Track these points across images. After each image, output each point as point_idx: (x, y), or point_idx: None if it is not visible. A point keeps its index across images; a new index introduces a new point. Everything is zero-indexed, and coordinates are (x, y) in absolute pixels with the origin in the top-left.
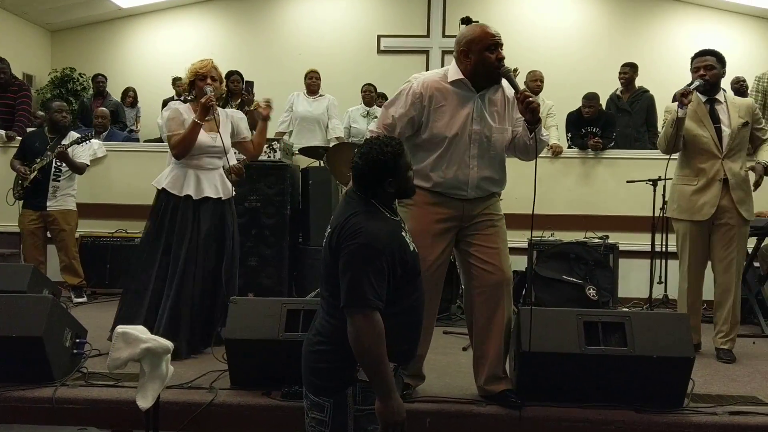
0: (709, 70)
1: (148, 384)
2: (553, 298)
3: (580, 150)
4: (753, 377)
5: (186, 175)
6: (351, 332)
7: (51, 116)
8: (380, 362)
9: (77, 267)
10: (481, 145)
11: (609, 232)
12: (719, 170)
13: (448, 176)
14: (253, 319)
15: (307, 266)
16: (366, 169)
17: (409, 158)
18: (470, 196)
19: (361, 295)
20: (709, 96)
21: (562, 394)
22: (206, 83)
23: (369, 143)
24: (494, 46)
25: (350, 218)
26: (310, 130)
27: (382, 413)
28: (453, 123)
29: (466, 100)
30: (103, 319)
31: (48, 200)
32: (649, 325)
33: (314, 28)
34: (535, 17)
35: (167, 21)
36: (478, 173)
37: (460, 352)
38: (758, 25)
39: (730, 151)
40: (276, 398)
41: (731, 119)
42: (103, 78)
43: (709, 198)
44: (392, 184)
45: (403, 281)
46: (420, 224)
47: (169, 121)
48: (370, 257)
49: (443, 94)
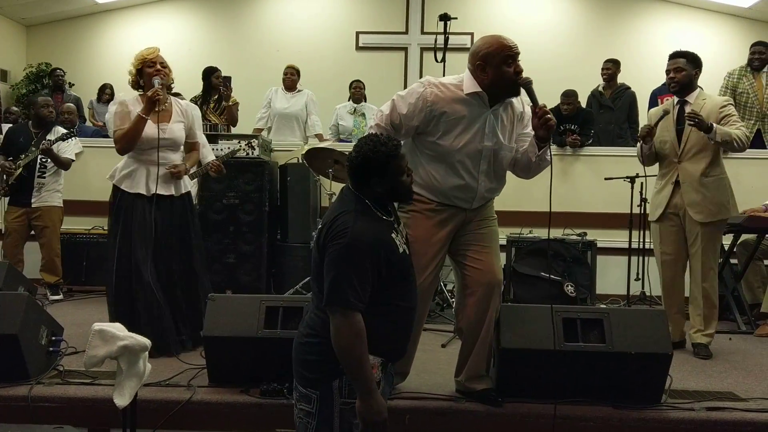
0: (679, 72)
1: (125, 382)
2: (531, 294)
3: (558, 147)
4: (729, 373)
5: (138, 170)
6: (332, 330)
7: (37, 111)
8: (360, 361)
9: (58, 265)
10: (490, 161)
11: (587, 229)
12: (674, 173)
13: (455, 189)
14: (231, 316)
15: (286, 263)
16: (356, 163)
17: (406, 163)
18: (474, 207)
19: (342, 295)
20: (680, 97)
21: (540, 390)
22: (155, 70)
23: (367, 139)
24: (512, 59)
25: (339, 216)
26: (289, 127)
27: (362, 412)
28: (465, 137)
29: (479, 115)
30: (79, 316)
31: (33, 196)
32: (627, 321)
33: (292, 24)
34: (514, 14)
35: (144, 16)
36: (485, 186)
37: (439, 349)
38: (734, 23)
39: (686, 154)
40: (255, 396)
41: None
42: (61, 72)
43: (660, 200)
44: (379, 183)
45: (390, 282)
46: (419, 232)
47: (114, 115)
48: (354, 258)
49: (457, 107)
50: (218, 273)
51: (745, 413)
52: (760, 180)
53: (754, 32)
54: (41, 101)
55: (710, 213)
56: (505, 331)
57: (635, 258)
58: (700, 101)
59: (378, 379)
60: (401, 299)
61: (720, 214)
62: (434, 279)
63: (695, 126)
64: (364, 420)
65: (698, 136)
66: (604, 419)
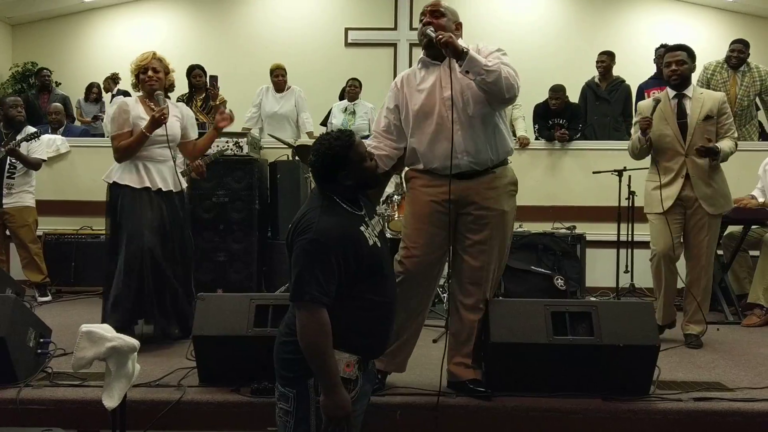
0: (681, 65)
1: (114, 383)
2: (521, 288)
3: (547, 142)
4: (717, 363)
5: (136, 167)
6: (297, 326)
7: (6, 112)
8: (323, 356)
9: (40, 263)
10: (457, 108)
11: (576, 222)
12: (683, 166)
13: (436, 149)
14: (220, 315)
15: (277, 261)
16: (319, 163)
17: (364, 148)
18: (464, 166)
19: (307, 289)
20: (678, 91)
21: (530, 383)
22: (147, 77)
23: (320, 139)
24: (423, 16)
25: (306, 213)
26: (280, 127)
27: (326, 407)
28: (424, 96)
29: (432, 73)
30: (68, 317)
31: (3, 197)
32: (614, 314)
33: (281, 21)
34: (502, 11)
35: (131, 14)
36: (464, 137)
37: (431, 344)
38: (719, 16)
39: (692, 147)
40: (245, 394)
41: (695, 114)
42: (47, 72)
43: (671, 192)
44: (347, 176)
45: (362, 276)
46: (414, 207)
47: (114, 119)
48: (318, 253)
49: (415, 76)
50: (209, 272)
51: (732, 403)
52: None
53: (738, 25)
54: (10, 101)
55: (720, 205)
56: (494, 325)
57: (624, 250)
58: (698, 95)
59: (355, 377)
60: (375, 293)
61: (726, 206)
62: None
63: (705, 156)
64: (328, 414)
65: (703, 130)
66: (594, 411)
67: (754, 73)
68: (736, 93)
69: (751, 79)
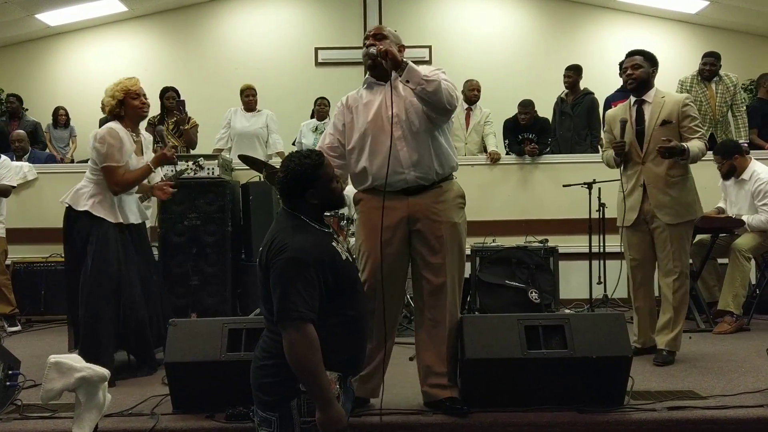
0: (636, 68)
1: (84, 414)
2: (496, 303)
3: (517, 156)
4: (690, 372)
5: (111, 200)
6: (285, 345)
7: None
8: (316, 372)
9: (8, 295)
10: (402, 125)
11: (548, 235)
12: (640, 175)
13: (381, 165)
14: (193, 340)
15: (251, 283)
16: (287, 181)
17: (332, 170)
18: (411, 181)
19: (293, 308)
20: (638, 96)
21: (506, 398)
22: (141, 102)
23: (289, 157)
24: (367, 40)
25: (277, 234)
26: (250, 146)
27: (323, 423)
28: (370, 114)
29: (377, 93)
30: (38, 347)
31: None
32: (587, 326)
33: (250, 41)
34: (470, 27)
35: (98, 38)
36: (410, 152)
37: (407, 362)
38: (682, 28)
39: (649, 154)
40: (220, 420)
41: (653, 120)
42: (14, 98)
43: (632, 204)
44: (314, 195)
45: (337, 291)
46: (368, 225)
47: (110, 148)
48: (298, 270)
49: (361, 96)
50: (182, 296)
51: (705, 411)
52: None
53: (701, 37)
54: None
55: (678, 214)
56: (468, 341)
57: (596, 262)
58: (659, 99)
59: (336, 395)
60: (350, 308)
61: (688, 215)
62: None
63: (669, 157)
64: (326, 430)
65: (660, 136)
66: (570, 424)
67: (725, 80)
68: (716, 103)
69: (725, 86)
